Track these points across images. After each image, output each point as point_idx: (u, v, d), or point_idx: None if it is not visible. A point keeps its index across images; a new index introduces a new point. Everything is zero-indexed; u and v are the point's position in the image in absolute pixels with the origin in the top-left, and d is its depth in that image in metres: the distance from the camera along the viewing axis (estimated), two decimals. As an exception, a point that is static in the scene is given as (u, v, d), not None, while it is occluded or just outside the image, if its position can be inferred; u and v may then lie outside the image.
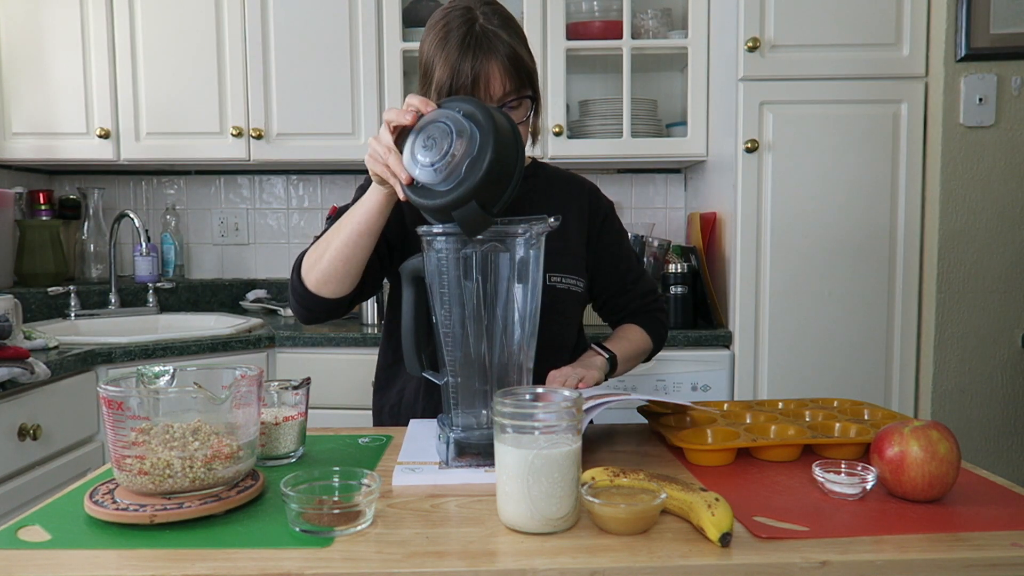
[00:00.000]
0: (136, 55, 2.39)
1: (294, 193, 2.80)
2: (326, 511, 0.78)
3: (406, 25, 2.42)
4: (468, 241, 0.96)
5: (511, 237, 0.97)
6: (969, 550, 0.74)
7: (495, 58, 1.17)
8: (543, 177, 1.40)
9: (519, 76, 1.19)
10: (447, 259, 0.98)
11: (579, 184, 1.44)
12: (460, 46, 1.17)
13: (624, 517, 0.77)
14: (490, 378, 0.99)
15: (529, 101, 1.23)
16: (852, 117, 2.09)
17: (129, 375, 0.90)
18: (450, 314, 0.99)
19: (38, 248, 2.46)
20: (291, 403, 1.04)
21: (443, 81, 1.19)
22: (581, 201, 1.40)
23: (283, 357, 2.16)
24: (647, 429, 1.19)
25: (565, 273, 1.32)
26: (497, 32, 1.19)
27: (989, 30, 2.00)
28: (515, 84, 1.19)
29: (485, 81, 1.17)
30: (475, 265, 0.97)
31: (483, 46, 1.17)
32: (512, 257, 0.98)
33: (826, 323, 2.12)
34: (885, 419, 1.12)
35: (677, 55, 2.43)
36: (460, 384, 1.00)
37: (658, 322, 1.45)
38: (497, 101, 1.19)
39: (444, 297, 0.99)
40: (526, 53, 1.22)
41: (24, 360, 1.60)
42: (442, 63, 1.19)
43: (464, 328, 0.99)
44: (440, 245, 0.98)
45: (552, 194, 1.39)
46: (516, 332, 0.99)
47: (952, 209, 2.06)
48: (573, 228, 1.37)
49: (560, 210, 1.36)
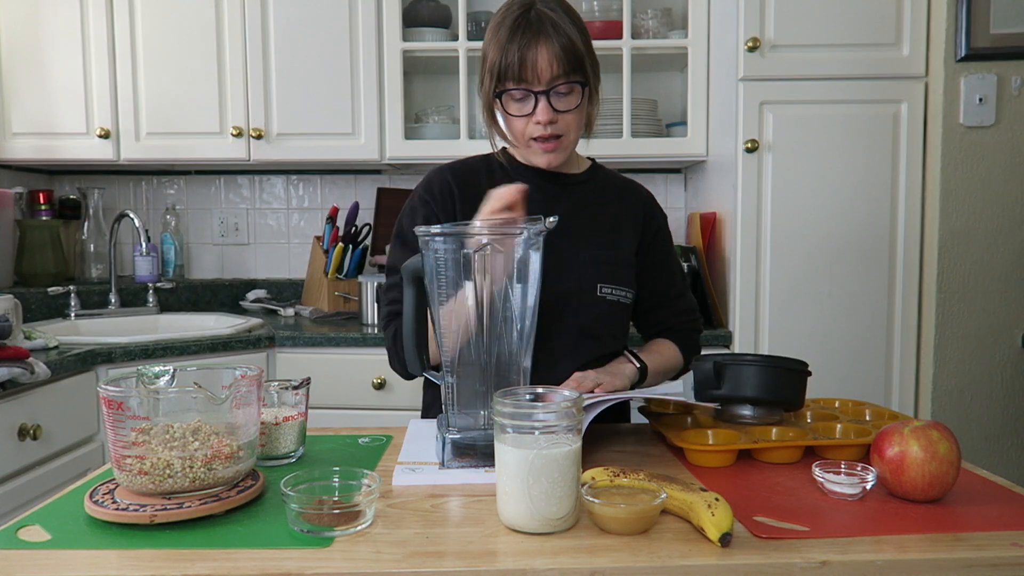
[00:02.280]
0: (136, 55, 2.39)
1: (294, 193, 2.80)
2: (326, 511, 0.78)
3: (406, 25, 2.42)
4: (465, 242, 0.96)
5: (509, 237, 0.97)
6: (969, 550, 0.74)
7: (545, 40, 1.17)
8: (599, 182, 1.38)
9: (569, 60, 1.18)
10: (444, 260, 0.98)
11: (636, 192, 1.42)
12: (512, 27, 1.19)
13: (624, 517, 0.77)
14: (488, 379, 0.98)
15: (580, 88, 1.21)
16: (852, 117, 2.09)
17: (129, 375, 0.90)
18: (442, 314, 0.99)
19: (38, 248, 2.46)
20: (291, 403, 1.04)
21: (495, 62, 1.20)
22: (636, 210, 1.38)
23: (283, 357, 2.16)
24: (647, 429, 1.19)
25: (616, 284, 1.30)
26: (552, 18, 1.19)
27: (989, 30, 2.00)
28: (564, 68, 1.18)
29: (533, 62, 1.17)
30: (472, 266, 0.97)
31: (534, 28, 1.18)
32: (510, 257, 0.97)
33: (826, 323, 2.12)
34: (886, 419, 1.12)
35: (677, 55, 2.43)
36: (458, 385, 1.00)
37: (693, 342, 1.43)
38: (546, 84, 1.18)
39: (442, 297, 0.99)
40: (582, 41, 1.21)
41: (24, 360, 1.60)
42: (494, 46, 1.20)
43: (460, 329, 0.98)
44: (438, 245, 0.98)
45: (607, 200, 1.36)
46: (514, 333, 0.99)
47: (952, 209, 2.06)
48: (626, 237, 1.35)
49: (615, 218, 1.35)
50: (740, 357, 1.09)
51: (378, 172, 2.77)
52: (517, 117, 1.22)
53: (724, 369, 1.09)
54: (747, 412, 1.10)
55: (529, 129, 1.22)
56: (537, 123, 1.21)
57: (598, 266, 1.29)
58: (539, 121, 1.20)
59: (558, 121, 1.21)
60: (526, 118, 1.22)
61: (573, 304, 1.26)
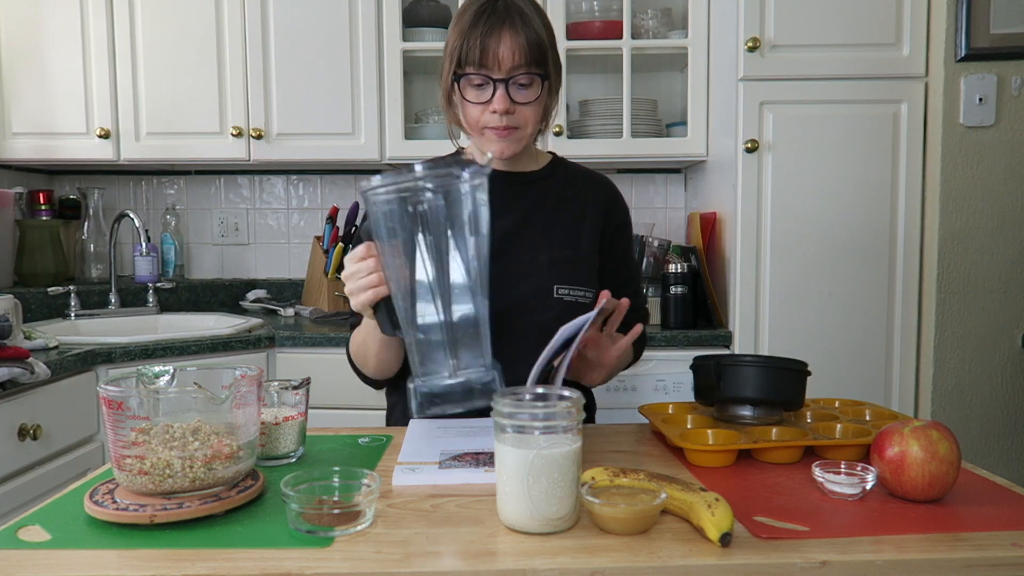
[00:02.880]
0: (136, 55, 2.39)
1: (294, 193, 2.80)
2: (326, 511, 0.78)
3: (406, 25, 2.42)
4: (404, 195, 0.93)
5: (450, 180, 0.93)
6: (969, 550, 0.74)
7: (510, 29, 1.16)
8: (559, 177, 1.36)
9: (532, 52, 1.17)
10: (382, 213, 0.94)
11: (599, 184, 1.39)
12: (477, 13, 1.18)
13: (624, 517, 0.77)
14: (445, 330, 0.95)
15: (540, 80, 1.20)
16: (852, 117, 2.09)
17: (129, 375, 0.90)
18: (393, 269, 0.96)
19: (38, 248, 2.46)
20: (291, 403, 1.04)
21: (456, 47, 1.18)
22: (599, 204, 1.35)
23: (283, 357, 2.16)
24: (647, 429, 1.19)
25: (574, 285, 1.28)
26: (521, 8, 1.18)
27: (989, 30, 2.00)
28: (526, 59, 1.16)
29: (495, 49, 1.15)
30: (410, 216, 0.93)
31: (500, 16, 1.16)
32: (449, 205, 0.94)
33: (826, 323, 2.12)
34: (886, 419, 1.12)
35: (677, 55, 2.43)
36: (419, 340, 0.97)
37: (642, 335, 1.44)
38: (506, 72, 1.17)
39: (387, 253, 0.96)
40: (547, 37, 1.20)
41: (24, 360, 1.60)
42: (456, 31, 1.19)
43: (412, 282, 0.95)
44: (374, 198, 0.95)
45: (568, 196, 1.34)
46: (461, 281, 0.95)
47: (952, 209, 2.06)
48: (587, 235, 1.32)
49: (577, 214, 1.33)
50: (740, 357, 1.09)
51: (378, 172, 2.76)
52: (474, 104, 1.20)
53: (724, 369, 1.09)
54: (747, 412, 1.10)
55: (485, 118, 1.20)
56: (493, 112, 1.18)
57: (557, 267, 1.27)
58: (495, 110, 1.18)
59: (515, 112, 1.19)
60: (483, 106, 1.19)
61: (531, 306, 1.25)
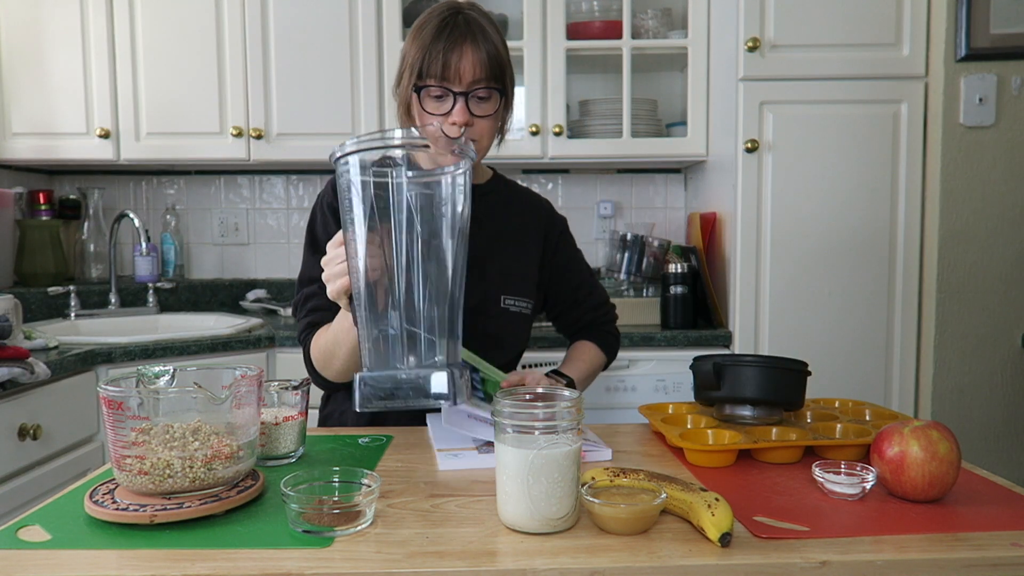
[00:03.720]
0: (136, 55, 2.39)
1: (294, 193, 2.80)
2: (326, 511, 0.78)
3: (406, 25, 2.41)
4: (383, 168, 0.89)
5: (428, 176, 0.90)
6: (969, 550, 0.74)
7: (471, 44, 1.18)
8: (502, 194, 1.41)
9: (491, 67, 1.20)
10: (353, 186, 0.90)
11: (536, 203, 1.45)
12: (438, 27, 1.19)
13: (624, 517, 0.77)
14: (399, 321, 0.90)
15: (498, 95, 1.23)
16: (852, 117, 2.09)
17: (129, 375, 0.89)
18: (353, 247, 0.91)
19: (38, 248, 2.46)
20: (291, 403, 1.04)
21: (416, 59, 1.19)
22: (538, 222, 1.42)
23: (283, 357, 2.16)
24: (647, 429, 1.19)
25: (518, 296, 1.35)
26: (481, 24, 1.21)
27: (989, 30, 2.00)
28: (486, 73, 1.19)
29: (456, 63, 1.17)
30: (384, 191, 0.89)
31: (462, 31, 1.19)
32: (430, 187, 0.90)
33: (826, 323, 2.12)
34: (886, 419, 1.12)
35: (677, 55, 2.43)
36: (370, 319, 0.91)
37: (610, 335, 1.51)
38: (466, 86, 1.19)
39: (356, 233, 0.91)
40: (504, 52, 1.23)
41: (24, 360, 1.60)
42: (416, 44, 1.20)
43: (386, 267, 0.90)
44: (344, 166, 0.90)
45: (511, 212, 1.40)
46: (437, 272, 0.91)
47: (952, 209, 2.06)
48: (530, 249, 1.40)
49: (520, 229, 1.39)
50: (740, 357, 1.10)
51: (378, 172, 2.76)
52: (433, 115, 1.21)
53: (724, 369, 1.09)
54: (747, 412, 1.10)
55: (444, 129, 1.22)
56: (452, 123, 1.20)
57: (503, 277, 1.34)
58: (455, 122, 1.19)
59: (474, 124, 1.21)
60: (442, 117, 1.21)
61: (480, 313, 1.28)
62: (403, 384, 0.88)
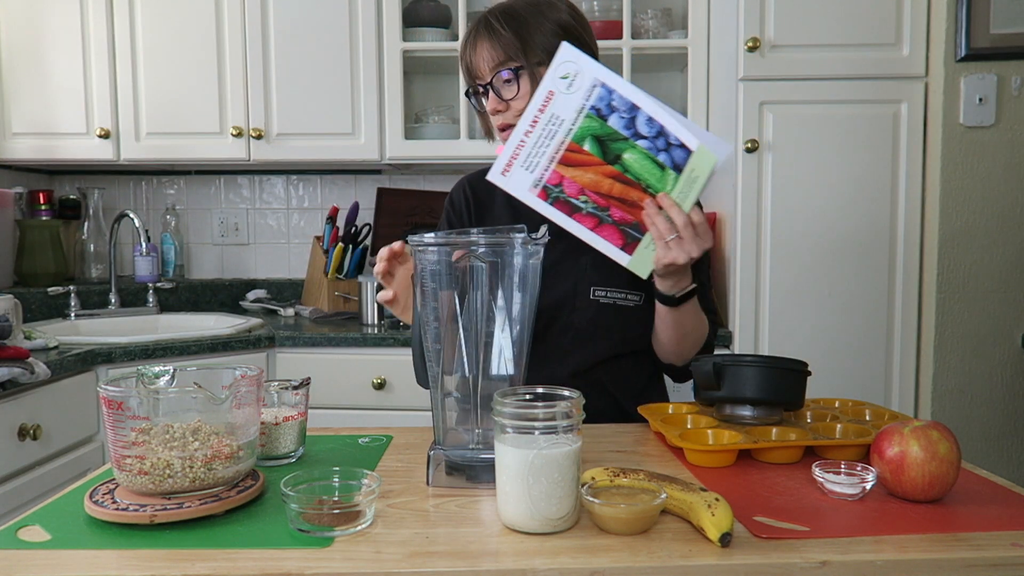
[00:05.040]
0: (136, 55, 2.39)
1: (294, 193, 2.80)
2: (326, 511, 0.78)
3: (406, 25, 2.42)
4: (449, 252, 0.90)
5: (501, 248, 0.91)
6: (969, 550, 0.73)
7: (480, 38, 1.24)
8: None
9: (503, 50, 1.22)
10: (426, 270, 0.92)
11: None
12: (465, 36, 1.28)
13: (624, 517, 0.77)
14: (475, 398, 0.92)
15: (526, 74, 1.22)
16: (852, 117, 2.09)
17: (129, 375, 0.89)
18: (429, 326, 0.94)
19: (38, 248, 2.46)
20: (291, 403, 1.04)
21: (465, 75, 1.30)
22: None
23: (283, 357, 2.16)
24: (647, 429, 1.19)
25: (611, 287, 1.29)
26: (489, 20, 1.24)
27: (989, 30, 2.00)
28: (499, 58, 1.22)
29: (475, 62, 1.25)
30: (452, 276, 0.90)
31: (475, 29, 1.25)
32: (503, 266, 0.91)
33: (826, 323, 2.12)
34: (886, 419, 1.11)
35: (677, 55, 2.43)
36: (445, 400, 0.94)
37: (712, 324, 1.39)
38: (488, 76, 1.24)
39: (425, 309, 0.93)
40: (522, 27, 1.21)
41: (24, 360, 1.60)
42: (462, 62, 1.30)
43: (442, 342, 0.93)
44: (422, 254, 0.92)
45: None
46: (497, 350, 0.92)
47: (952, 209, 2.06)
48: None
49: None
50: (740, 357, 1.09)
51: (378, 172, 2.77)
52: (482, 112, 1.31)
53: (724, 369, 1.09)
54: (747, 412, 1.10)
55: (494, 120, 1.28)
56: (495, 113, 1.26)
57: (596, 269, 1.28)
58: (491, 111, 1.26)
59: (508, 109, 1.25)
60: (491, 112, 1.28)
61: (567, 307, 1.27)
62: (473, 464, 0.91)
